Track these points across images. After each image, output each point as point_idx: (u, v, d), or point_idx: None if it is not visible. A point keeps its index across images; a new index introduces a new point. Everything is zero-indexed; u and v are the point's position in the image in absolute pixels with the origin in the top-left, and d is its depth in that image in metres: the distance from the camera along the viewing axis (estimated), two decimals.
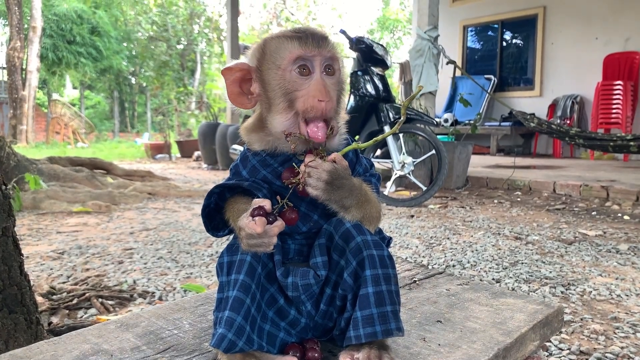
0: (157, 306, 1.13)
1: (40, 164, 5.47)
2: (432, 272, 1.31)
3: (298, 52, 0.92)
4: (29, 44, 16.10)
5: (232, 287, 0.86)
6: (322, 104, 0.90)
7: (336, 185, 0.87)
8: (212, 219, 0.98)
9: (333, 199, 0.88)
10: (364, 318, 0.85)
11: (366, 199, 0.93)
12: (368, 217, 0.93)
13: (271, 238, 0.84)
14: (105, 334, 0.98)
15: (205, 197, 0.97)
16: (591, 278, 2.71)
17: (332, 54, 0.94)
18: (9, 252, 1.58)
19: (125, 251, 3.27)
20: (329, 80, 0.93)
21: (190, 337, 0.97)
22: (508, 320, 1.03)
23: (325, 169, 0.86)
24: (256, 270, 0.88)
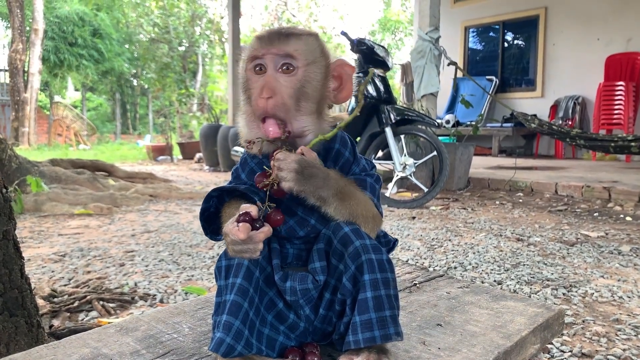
0: (156, 310, 1.13)
1: (42, 167, 5.47)
2: (433, 275, 1.31)
3: (253, 52, 0.94)
4: (31, 46, 16.14)
5: (229, 291, 0.86)
6: (262, 100, 0.90)
7: (307, 174, 0.85)
8: (211, 222, 0.98)
9: (307, 189, 0.85)
10: (363, 323, 0.84)
11: (349, 194, 0.90)
12: (356, 214, 0.90)
13: (256, 244, 0.83)
14: (104, 338, 0.98)
15: (204, 200, 0.97)
16: (593, 280, 2.70)
17: (286, 50, 0.92)
18: (10, 256, 1.58)
19: (127, 253, 3.27)
20: (283, 77, 0.92)
21: (189, 341, 0.97)
22: (508, 323, 1.03)
23: (292, 159, 0.85)
24: (254, 274, 0.88)
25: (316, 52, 0.95)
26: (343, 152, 0.98)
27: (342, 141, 0.99)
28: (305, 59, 0.93)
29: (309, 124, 0.94)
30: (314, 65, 0.94)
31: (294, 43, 0.93)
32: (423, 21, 6.41)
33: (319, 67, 0.95)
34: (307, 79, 0.93)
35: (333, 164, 0.97)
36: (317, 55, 0.95)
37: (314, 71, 0.94)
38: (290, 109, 0.92)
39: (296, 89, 0.92)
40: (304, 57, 0.93)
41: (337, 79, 0.98)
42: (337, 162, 0.98)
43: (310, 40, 0.95)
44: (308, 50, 0.94)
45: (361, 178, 0.98)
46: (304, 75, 0.93)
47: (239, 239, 0.81)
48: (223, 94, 17.98)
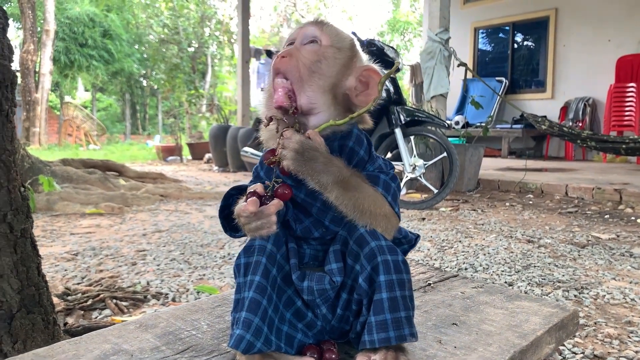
0: (175, 307, 1.14)
1: (54, 166, 5.52)
2: (447, 275, 1.31)
3: (290, 36, 1.01)
4: (42, 47, 16.27)
5: (248, 288, 0.87)
6: (278, 58, 0.95)
7: (307, 157, 0.86)
8: (230, 220, 0.99)
9: (306, 172, 0.86)
10: (378, 323, 0.85)
11: (354, 185, 0.90)
12: (362, 208, 0.90)
13: (269, 217, 0.85)
14: (125, 334, 0.99)
15: (223, 199, 0.98)
16: (604, 282, 2.70)
17: (315, 31, 0.98)
18: (27, 253, 1.61)
19: (138, 253, 3.29)
20: (304, 48, 0.96)
21: (208, 338, 0.98)
22: (523, 323, 1.03)
23: (295, 139, 0.86)
24: (271, 272, 0.89)
25: (344, 43, 1.00)
26: (357, 150, 0.98)
27: (357, 139, 0.99)
28: (329, 42, 0.98)
29: (319, 103, 0.95)
30: (337, 51, 0.98)
31: (324, 27, 0.99)
32: (433, 22, 6.41)
33: (342, 54, 0.98)
34: (325, 56, 0.96)
35: (346, 162, 0.97)
36: (344, 45, 0.99)
37: (334, 54, 0.97)
38: (302, 78, 0.94)
39: (312, 61, 0.95)
40: (329, 39, 0.98)
41: (364, 85, 1.00)
42: (351, 161, 0.97)
43: (342, 33, 1.01)
44: (335, 36, 0.99)
45: (374, 174, 0.97)
46: (323, 52, 0.96)
47: (249, 211, 0.84)
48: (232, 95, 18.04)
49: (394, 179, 0.98)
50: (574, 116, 9.08)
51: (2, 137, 1.47)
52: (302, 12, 23.91)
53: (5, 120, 1.47)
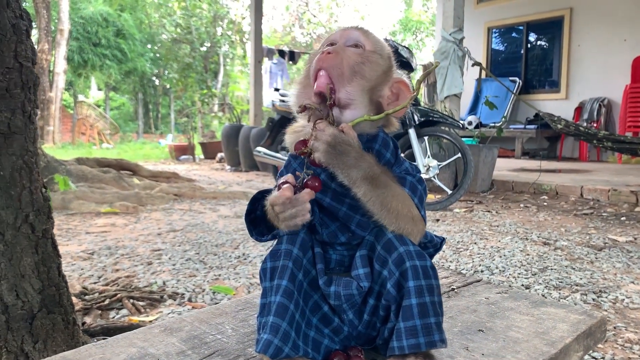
0: (198, 310, 1.14)
1: (69, 165, 5.56)
2: (470, 280, 1.30)
3: (331, 38, 1.01)
4: (56, 47, 16.41)
5: (274, 293, 0.87)
6: (323, 54, 0.95)
7: (339, 150, 0.85)
8: (256, 224, 0.99)
9: (337, 165, 0.86)
10: (407, 329, 0.85)
11: (383, 183, 0.89)
12: (390, 207, 0.89)
13: (304, 205, 0.84)
14: (150, 338, 0.99)
15: (249, 203, 0.98)
16: (623, 285, 2.67)
17: (358, 35, 0.99)
18: (48, 254, 1.62)
19: (154, 252, 3.31)
20: (348, 49, 0.97)
21: (233, 342, 0.98)
22: (551, 330, 1.02)
23: (329, 132, 0.86)
24: (297, 276, 0.88)
25: (385, 52, 1.01)
26: (384, 153, 0.98)
27: (383, 142, 0.99)
28: (372, 47, 0.99)
29: (357, 100, 0.95)
30: (379, 57, 0.99)
31: (366, 33, 1.00)
32: (447, 22, 6.37)
33: (383, 61, 0.99)
34: (369, 59, 0.97)
35: None
36: (384, 53, 1.00)
37: (376, 60, 0.98)
38: (344, 75, 0.94)
39: (356, 62, 0.96)
40: (371, 45, 0.99)
41: (394, 95, 1.00)
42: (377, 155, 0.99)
43: (381, 41, 1.02)
44: (377, 44, 1.00)
45: (400, 176, 0.97)
46: (368, 55, 0.97)
47: (285, 196, 0.83)
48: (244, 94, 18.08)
49: (421, 182, 0.98)
50: (589, 117, 9.00)
51: (25, 138, 1.48)
52: (314, 11, 23.91)
53: (28, 121, 1.48)
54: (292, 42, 23.02)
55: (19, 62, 1.42)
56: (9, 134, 1.44)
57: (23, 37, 1.42)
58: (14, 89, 1.42)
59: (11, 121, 1.43)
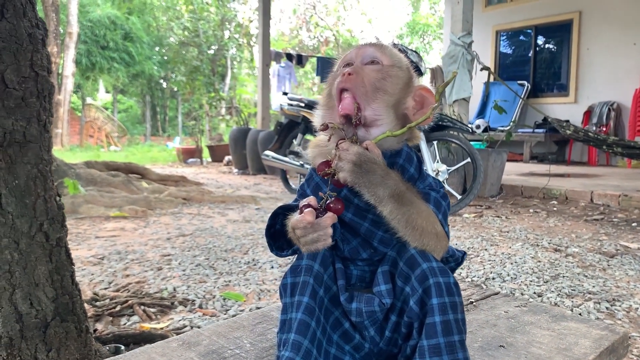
0: (216, 324, 1.13)
1: (78, 169, 5.58)
2: (488, 293, 1.29)
3: (348, 58, 1.01)
4: (65, 50, 16.50)
5: (296, 309, 0.86)
6: (345, 75, 0.94)
7: (365, 169, 0.84)
8: (276, 239, 0.98)
9: (363, 184, 0.84)
10: (431, 347, 0.84)
11: (409, 200, 0.88)
12: (415, 225, 0.88)
13: (326, 229, 0.83)
14: (168, 352, 0.99)
15: (270, 217, 0.97)
16: (636, 294, 2.64)
17: (375, 52, 0.98)
18: (62, 262, 1.61)
19: (164, 257, 3.31)
20: (368, 67, 0.97)
21: (252, 358, 0.97)
22: (573, 346, 1.01)
23: (353, 151, 0.85)
24: (318, 292, 0.88)
25: (402, 63, 1.01)
26: (408, 168, 0.97)
27: (407, 157, 0.98)
28: (390, 62, 0.98)
29: (383, 117, 0.95)
30: (398, 70, 0.99)
31: (382, 48, 1.00)
32: (455, 26, 6.35)
33: (402, 74, 0.99)
34: (390, 74, 0.97)
35: None
36: (402, 65, 1.01)
37: (396, 73, 0.98)
38: (368, 93, 0.94)
39: (377, 79, 0.96)
40: (389, 59, 0.99)
41: (419, 104, 0.99)
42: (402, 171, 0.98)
43: (398, 53, 1.02)
44: (394, 57, 1.00)
45: (425, 192, 0.96)
46: (387, 70, 0.97)
47: (307, 221, 0.82)
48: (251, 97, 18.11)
49: (445, 198, 0.97)
50: (598, 121, 8.94)
51: (40, 147, 1.48)
52: (322, 15, 23.92)
53: (43, 130, 1.48)
54: (299, 45, 23.03)
55: (35, 71, 1.42)
56: (24, 142, 1.44)
57: (39, 46, 1.42)
58: (29, 97, 1.42)
59: (27, 130, 1.43)
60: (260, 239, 3.80)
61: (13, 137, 1.41)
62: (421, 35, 26.21)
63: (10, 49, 1.36)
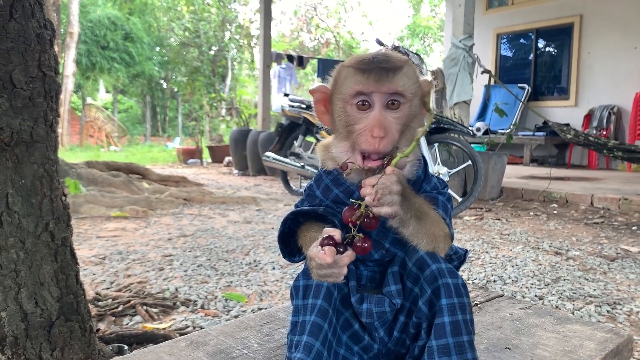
0: (223, 324, 1.14)
1: (79, 169, 5.58)
2: (492, 295, 1.30)
3: (358, 87, 0.91)
4: (65, 49, 16.50)
5: (309, 312, 0.86)
6: (376, 140, 0.88)
7: (405, 196, 0.84)
8: (287, 244, 0.98)
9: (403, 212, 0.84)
10: (440, 347, 0.84)
11: (425, 213, 0.89)
12: (431, 234, 0.89)
13: (341, 269, 0.83)
14: (177, 352, 0.99)
15: (281, 224, 0.97)
16: (637, 297, 2.65)
17: (395, 88, 0.89)
18: (67, 262, 1.62)
19: (165, 258, 3.31)
20: (391, 114, 0.90)
21: (260, 357, 0.98)
22: (578, 348, 1.02)
23: (393, 181, 0.83)
24: (333, 294, 0.88)
25: (417, 83, 0.94)
26: (415, 170, 0.98)
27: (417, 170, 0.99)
28: (410, 94, 0.92)
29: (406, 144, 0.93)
30: (416, 98, 0.93)
31: (400, 79, 0.91)
32: (457, 29, 6.37)
33: (418, 97, 0.94)
34: (412, 113, 0.92)
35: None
36: (417, 86, 0.94)
37: (416, 104, 0.93)
38: (395, 140, 0.91)
39: (403, 125, 0.91)
40: (409, 92, 0.92)
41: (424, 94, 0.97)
42: (409, 180, 0.98)
43: (410, 71, 0.93)
44: (411, 83, 0.92)
45: (433, 196, 0.96)
46: (409, 110, 0.92)
47: (326, 263, 0.81)
48: (251, 98, 18.13)
49: (450, 200, 0.98)
50: (598, 124, 8.96)
51: (47, 147, 1.49)
52: (322, 16, 23.95)
53: (49, 130, 1.49)
54: (300, 46, 23.06)
55: (43, 71, 1.43)
56: (31, 142, 1.44)
57: (47, 47, 1.43)
58: (37, 98, 1.43)
59: (34, 130, 1.44)
60: (261, 240, 3.81)
61: (20, 136, 1.41)
62: (422, 37, 26.24)
63: (19, 49, 1.37)
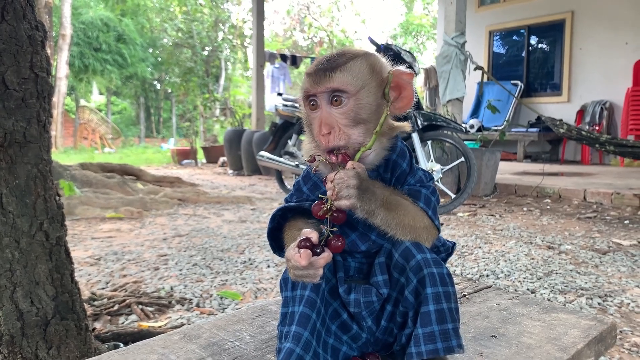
0: (216, 317, 1.16)
1: (73, 170, 5.59)
2: (481, 286, 1.32)
3: (307, 90, 0.96)
4: (58, 51, 16.45)
5: (297, 303, 0.89)
6: (324, 138, 0.92)
7: (364, 187, 0.86)
8: (276, 239, 1.01)
9: (363, 204, 0.87)
10: (426, 335, 0.86)
11: (395, 203, 0.91)
12: (404, 225, 0.91)
13: (317, 270, 0.86)
14: (170, 345, 1.01)
15: (269, 220, 1.00)
16: (628, 289, 2.68)
17: (332, 86, 0.92)
18: (62, 261, 1.64)
19: (160, 257, 3.33)
20: (336, 110, 0.93)
21: (252, 349, 1.00)
22: (562, 336, 1.04)
23: (352, 175, 0.86)
24: (321, 286, 0.90)
25: (365, 75, 0.95)
26: (400, 163, 1.00)
27: (400, 152, 1.01)
28: (353, 88, 0.93)
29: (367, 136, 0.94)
30: (364, 90, 0.94)
31: (339, 77, 0.93)
32: (449, 26, 6.40)
33: (369, 89, 0.95)
34: (359, 105, 0.94)
35: (390, 175, 0.99)
36: (366, 78, 0.95)
37: (365, 96, 0.94)
38: (349, 135, 0.93)
39: (350, 119, 0.93)
40: (351, 86, 0.93)
41: (396, 89, 0.97)
42: (394, 173, 0.99)
43: (355, 65, 0.94)
44: (355, 77, 0.94)
45: (415, 189, 0.98)
46: (355, 103, 0.94)
47: (300, 265, 0.84)
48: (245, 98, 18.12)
49: (434, 193, 0.99)
50: (591, 120, 9.01)
51: (40, 147, 1.50)
52: (315, 15, 23.96)
53: (42, 130, 1.51)
54: (293, 46, 23.06)
55: (35, 72, 1.44)
56: (24, 143, 1.46)
57: (38, 48, 1.44)
58: (29, 98, 1.44)
59: (27, 130, 1.45)
60: (256, 239, 3.83)
61: (13, 137, 1.43)
62: (415, 35, 26.28)
63: (11, 50, 1.39)
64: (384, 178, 0.98)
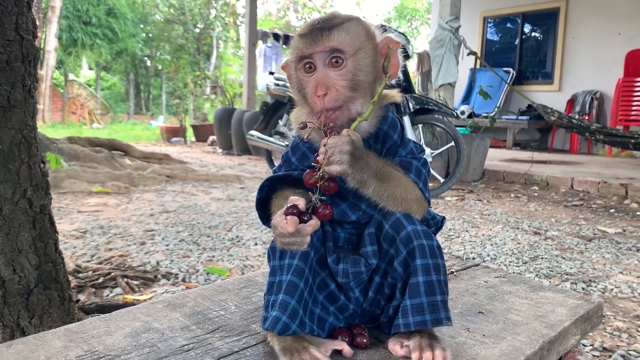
0: (201, 287, 1.15)
1: (60, 144, 5.52)
2: (469, 264, 1.32)
3: (301, 52, 0.93)
4: (47, 24, 16.16)
5: (285, 272, 0.87)
6: (319, 98, 0.90)
7: (357, 156, 0.85)
8: (265, 210, 0.99)
9: (355, 172, 0.85)
10: (414, 306, 0.86)
11: (387, 175, 0.90)
12: (395, 196, 0.90)
13: (304, 237, 0.84)
14: (154, 313, 1.00)
15: (258, 191, 0.98)
16: (612, 275, 2.71)
17: (331, 45, 0.90)
18: (46, 230, 1.61)
19: (147, 232, 3.30)
20: (334, 72, 0.91)
21: (237, 319, 0.99)
22: (549, 313, 1.04)
23: (346, 141, 0.84)
24: (309, 255, 0.89)
25: (361, 37, 0.93)
26: (391, 134, 0.98)
27: (391, 124, 0.99)
28: (352, 48, 0.92)
29: (366, 102, 0.93)
30: (362, 51, 0.93)
31: (337, 35, 0.91)
32: (444, 10, 6.36)
33: (366, 51, 0.93)
34: (357, 67, 0.92)
35: (381, 146, 0.98)
36: (363, 40, 0.93)
37: (363, 57, 0.93)
38: (346, 98, 0.91)
39: (349, 80, 0.92)
40: (350, 46, 0.92)
41: (384, 56, 0.95)
42: (385, 144, 0.98)
43: (352, 26, 0.93)
44: (353, 38, 0.92)
45: (406, 160, 0.97)
46: (353, 64, 0.92)
47: (287, 232, 0.82)
48: (236, 77, 17.96)
49: (425, 165, 0.98)
50: (581, 109, 9.04)
51: (25, 112, 1.47)
52: None
53: (27, 95, 1.47)
54: (286, 25, 22.86)
55: (20, 34, 1.40)
56: (8, 107, 1.42)
57: (24, 9, 1.40)
58: (14, 61, 1.40)
59: (11, 94, 1.41)
60: (244, 217, 3.81)
61: None
62: (409, 19, 26.14)
63: None
64: (374, 149, 0.96)
